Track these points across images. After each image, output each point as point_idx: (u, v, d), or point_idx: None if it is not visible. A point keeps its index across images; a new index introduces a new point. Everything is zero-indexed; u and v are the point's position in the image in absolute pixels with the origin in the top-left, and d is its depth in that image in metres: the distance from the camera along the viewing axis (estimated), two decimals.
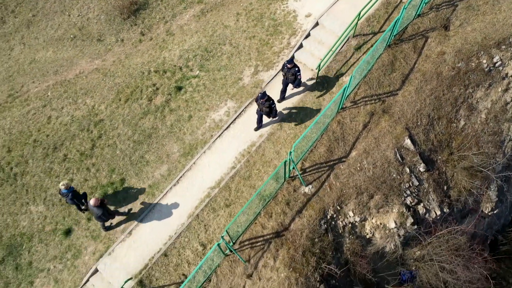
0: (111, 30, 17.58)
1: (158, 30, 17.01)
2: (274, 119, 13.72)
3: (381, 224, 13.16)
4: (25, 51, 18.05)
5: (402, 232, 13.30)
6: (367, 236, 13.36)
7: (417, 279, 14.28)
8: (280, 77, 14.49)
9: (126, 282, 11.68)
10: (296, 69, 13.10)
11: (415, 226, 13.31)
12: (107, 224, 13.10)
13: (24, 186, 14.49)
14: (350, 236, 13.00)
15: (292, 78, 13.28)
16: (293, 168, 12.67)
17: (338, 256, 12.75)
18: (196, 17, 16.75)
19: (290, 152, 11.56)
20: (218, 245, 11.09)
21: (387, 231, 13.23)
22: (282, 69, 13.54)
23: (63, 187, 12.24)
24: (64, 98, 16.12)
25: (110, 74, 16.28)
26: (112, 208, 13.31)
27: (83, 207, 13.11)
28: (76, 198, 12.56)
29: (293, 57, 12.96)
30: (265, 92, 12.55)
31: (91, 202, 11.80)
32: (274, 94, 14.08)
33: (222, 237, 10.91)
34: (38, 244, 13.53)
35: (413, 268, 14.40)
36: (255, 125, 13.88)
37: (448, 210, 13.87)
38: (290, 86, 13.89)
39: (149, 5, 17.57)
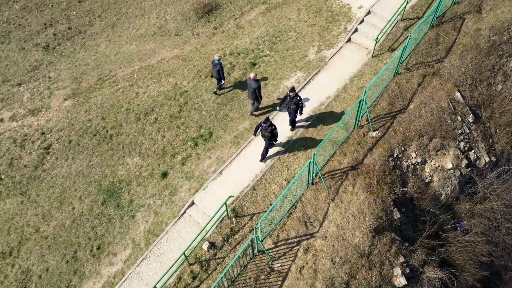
0: (187, 26, 20.58)
1: (229, 25, 19.97)
2: (275, 143, 14.36)
3: (439, 166, 15.04)
4: (111, 46, 20.91)
5: (458, 173, 15.15)
6: (426, 180, 15.17)
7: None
8: (340, 55, 17.16)
9: (228, 199, 13.35)
10: (298, 98, 14.14)
11: (469, 169, 15.18)
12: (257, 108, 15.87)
13: (120, 143, 16.54)
14: (413, 176, 14.84)
15: (294, 107, 14.35)
16: (365, 113, 14.84)
17: (405, 191, 14.49)
18: (262, 14, 19.78)
19: (365, 92, 13.82)
20: (309, 163, 12.98)
21: (444, 173, 15.08)
22: (284, 100, 14.60)
23: (217, 57, 15.14)
24: (149, 79, 18.64)
25: (189, 59, 18.94)
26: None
27: (222, 83, 16.34)
28: (222, 71, 15.41)
29: (293, 88, 14.22)
30: (268, 117, 13.62)
31: (251, 75, 14.46)
32: (332, 73, 16.66)
33: (314, 154, 12.84)
34: (137, 186, 15.33)
35: (465, 222, 15.98)
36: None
37: (494, 159, 15.79)
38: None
39: (220, 6, 20.72)
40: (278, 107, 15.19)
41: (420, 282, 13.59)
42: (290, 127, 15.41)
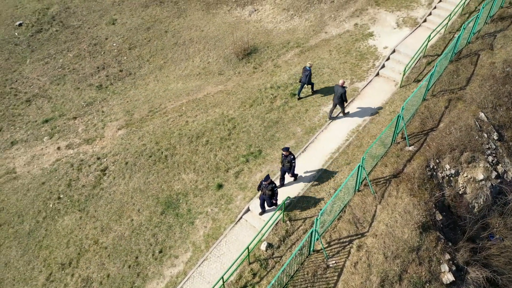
0: (229, 67, 23.00)
1: (267, 65, 22.38)
2: (274, 204, 14.63)
3: (471, 178, 16.46)
4: (159, 85, 23.17)
5: (489, 184, 16.51)
6: (460, 192, 16.51)
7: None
8: (371, 86, 19.32)
9: (286, 199, 14.59)
10: (292, 157, 14.82)
11: (499, 180, 16.57)
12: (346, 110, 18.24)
13: (175, 162, 18.05)
14: (448, 186, 16.21)
15: (288, 165, 14.98)
16: (402, 129, 16.56)
17: (442, 199, 15.79)
18: (297, 55, 22.27)
19: (402, 108, 15.66)
20: (359, 167, 14.44)
21: (476, 184, 16.45)
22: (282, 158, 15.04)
23: (309, 64, 17.33)
24: (197, 110, 20.61)
25: (233, 93, 21.07)
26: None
27: (313, 90, 19.31)
28: (310, 77, 17.66)
29: (287, 147, 14.75)
30: (268, 175, 14.08)
31: (340, 82, 16.51)
32: (366, 100, 18.70)
33: (363, 158, 14.36)
34: (194, 198, 16.61)
35: (497, 236, 17.06)
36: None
37: None
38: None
39: (259, 50, 23.31)
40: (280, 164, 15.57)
41: (465, 282, 14.40)
42: (293, 178, 15.96)
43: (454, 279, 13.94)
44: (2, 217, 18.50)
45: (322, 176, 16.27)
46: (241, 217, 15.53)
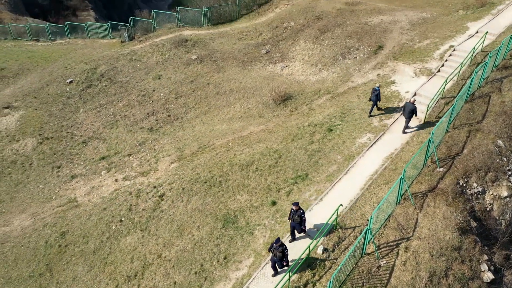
0: (268, 111, 25.93)
1: (302, 108, 25.34)
2: (286, 265, 15.26)
3: (496, 195, 18.56)
4: (205, 126, 25.93)
5: None
6: (487, 208, 18.52)
7: None
8: (398, 122, 22.02)
9: (339, 206, 16.54)
10: (301, 211, 15.74)
11: None
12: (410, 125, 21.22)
13: (229, 186, 20.19)
14: (477, 203, 18.26)
15: (298, 219, 15.85)
16: (432, 152, 18.97)
17: (473, 212, 17.77)
18: (328, 100, 25.33)
19: (432, 133, 18.23)
20: (400, 179, 16.65)
21: (502, 201, 18.51)
22: (290, 214, 16.02)
23: (377, 85, 20.13)
24: (243, 145, 23.15)
25: (274, 131, 23.76)
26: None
27: (378, 107, 22.49)
28: (379, 95, 20.47)
29: (296, 202, 15.82)
30: (279, 238, 14.84)
31: (411, 99, 19.34)
32: (395, 134, 21.32)
33: (404, 171, 16.62)
34: (250, 213, 18.53)
35: None
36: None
37: None
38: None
39: (294, 97, 26.42)
40: (288, 219, 16.48)
41: (504, 282, 15.94)
42: (291, 238, 16.67)
43: (494, 278, 15.51)
44: (68, 238, 20.19)
45: (365, 193, 18.37)
46: None
